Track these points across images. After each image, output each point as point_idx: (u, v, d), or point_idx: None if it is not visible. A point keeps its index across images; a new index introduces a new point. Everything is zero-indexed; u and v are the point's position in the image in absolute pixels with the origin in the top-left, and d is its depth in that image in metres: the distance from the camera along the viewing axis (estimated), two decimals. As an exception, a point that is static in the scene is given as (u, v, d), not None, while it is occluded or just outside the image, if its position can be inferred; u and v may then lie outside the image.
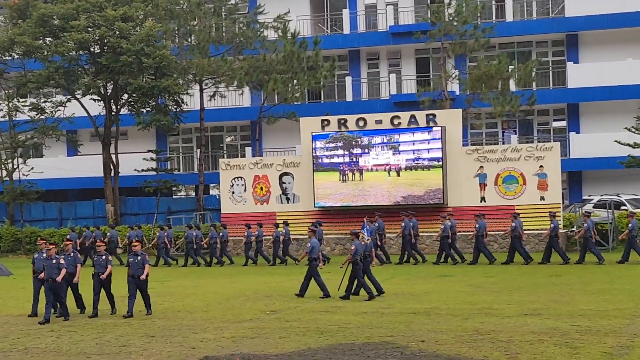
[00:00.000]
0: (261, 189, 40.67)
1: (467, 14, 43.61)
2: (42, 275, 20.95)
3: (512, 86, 45.14)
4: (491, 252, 34.40)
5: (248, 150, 51.37)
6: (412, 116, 38.81)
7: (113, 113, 47.05)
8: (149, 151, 49.28)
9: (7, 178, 48.11)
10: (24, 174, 47.81)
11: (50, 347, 16.95)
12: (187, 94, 47.56)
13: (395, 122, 39.00)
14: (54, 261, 20.12)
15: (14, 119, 48.10)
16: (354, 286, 24.01)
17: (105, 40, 44.10)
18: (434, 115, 38.94)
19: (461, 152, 38.57)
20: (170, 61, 43.97)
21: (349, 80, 51.13)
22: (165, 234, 38.15)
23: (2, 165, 48.32)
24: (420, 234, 36.08)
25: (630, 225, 32.86)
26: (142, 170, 48.09)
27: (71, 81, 46.69)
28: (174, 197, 54.65)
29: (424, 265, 33.43)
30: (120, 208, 48.26)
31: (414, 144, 39.36)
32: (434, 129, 38.84)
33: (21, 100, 48.98)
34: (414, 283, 27.23)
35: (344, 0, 53.58)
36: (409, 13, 51.44)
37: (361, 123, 39.28)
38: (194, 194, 53.41)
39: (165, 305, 23.30)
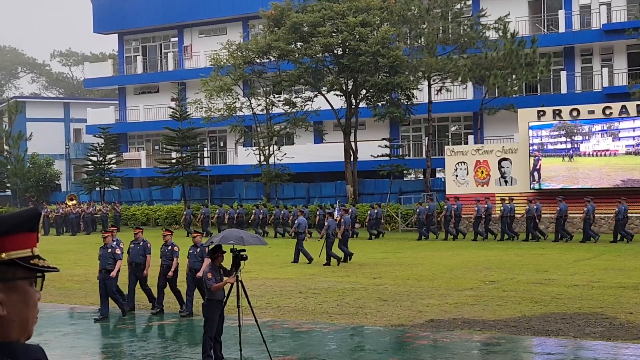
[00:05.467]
0: (482, 172, 40.33)
1: (679, 11, 39.13)
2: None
3: None
4: None
5: (470, 138, 50.47)
6: (624, 107, 37.22)
7: (353, 106, 46.87)
8: (383, 139, 47.97)
9: (265, 162, 48.65)
10: (278, 159, 48.78)
11: (298, 307, 17.72)
12: (417, 89, 47.26)
13: (607, 112, 37.43)
14: (109, 250, 16.58)
15: (270, 112, 49.19)
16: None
17: (347, 44, 44.24)
18: (645, 105, 36.69)
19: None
20: (403, 60, 43.89)
21: (563, 74, 49.40)
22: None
23: (260, 151, 48.85)
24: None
25: None
26: (377, 156, 47.43)
27: (317, 79, 47.46)
28: (404, 179, 53.55)
29: (635, 244, 31.38)
30: (358, 189, 48.17)
31: (634, 130, 37.26)
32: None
33: (276, 96, 49.95)
34: (624, 260, 25.63)
35: (560, 1, 51.26)
36: (621, 11, 49.12)
37: (574, 113, 38.03)
38: (422, 176, 52.12)
39: (396, 274, 23.39)
